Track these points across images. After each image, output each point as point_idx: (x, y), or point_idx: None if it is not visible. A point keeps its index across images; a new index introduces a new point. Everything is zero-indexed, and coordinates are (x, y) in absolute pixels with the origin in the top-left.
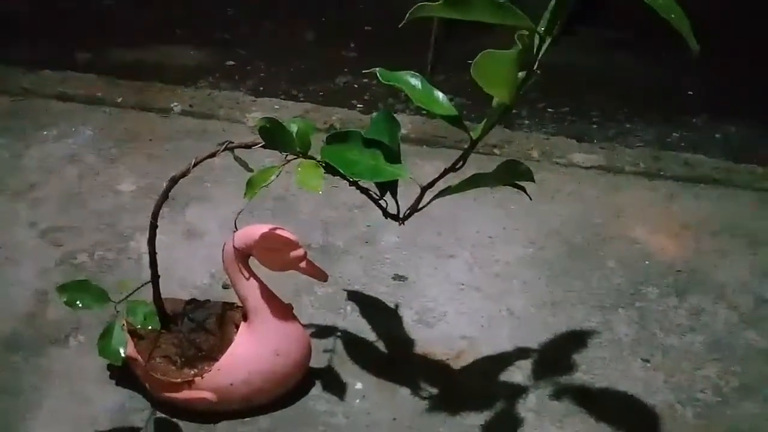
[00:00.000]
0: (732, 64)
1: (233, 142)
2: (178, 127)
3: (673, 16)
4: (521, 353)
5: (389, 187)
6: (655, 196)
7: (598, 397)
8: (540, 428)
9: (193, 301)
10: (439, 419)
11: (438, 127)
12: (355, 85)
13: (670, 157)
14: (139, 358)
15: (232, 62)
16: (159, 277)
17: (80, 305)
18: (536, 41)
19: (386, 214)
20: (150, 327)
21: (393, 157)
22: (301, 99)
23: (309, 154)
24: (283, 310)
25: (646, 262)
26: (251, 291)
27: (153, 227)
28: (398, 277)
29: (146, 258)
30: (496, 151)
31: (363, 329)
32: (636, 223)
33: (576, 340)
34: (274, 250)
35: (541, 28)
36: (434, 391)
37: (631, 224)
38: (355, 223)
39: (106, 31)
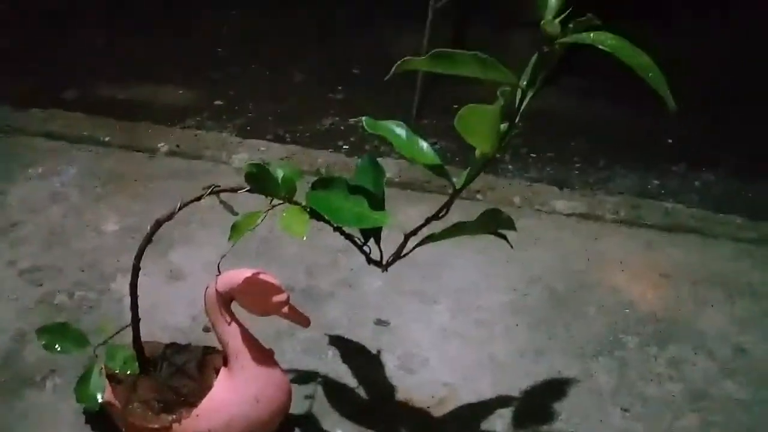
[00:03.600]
0: (710, 114)
1: (219, 186)
2: (164, 167)
3: (650, 75)
4: (502, 401)
5: (373, 233)
6: (635, 245)
7: None
8: None
9: (173, 345)
10: None
11: (423, 171)
12: (342, 127)
13: (650, 206)
14: (117, 402)
15: (220, 102)
16: (140, 320)
17: (59, 349)
18: (518, 95)
19: (370, 260)
20: (129, 372)
21: (377, 204)
22: (288, 140)
23: (294, 198)
24: (264, 356)
25: (627, 311)
26: (232, 336)
27: (136, 270)
28: (381, 322)
29: (127, 299)
30: (479, 196)
31: (344, 375)
32: (616, 271)
33: (556, 388)
34: (257, 295)
35: (523, 82)
36: None
37: (612, 272)
38: (339, 267)
39: (94, 69)
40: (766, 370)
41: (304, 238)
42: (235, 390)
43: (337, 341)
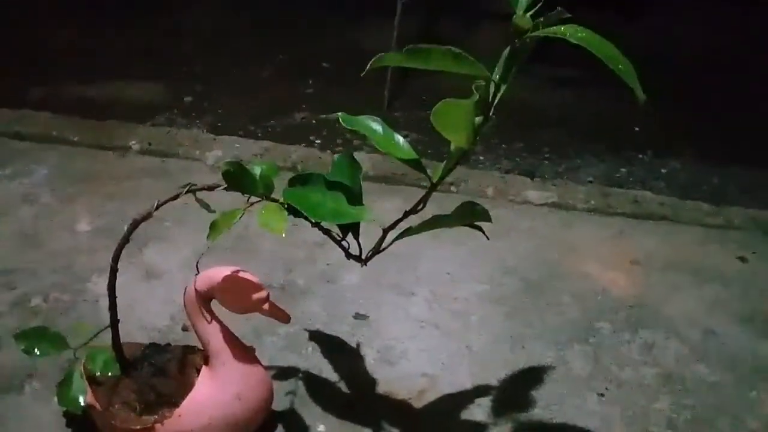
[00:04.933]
0: (676, 103)
1: (195, 184)
2: (137, 165)
3: (620, 67)
4: (481, 390)
5: (351, 228)
6: (606, 233)
7: None
8: None
9: (152, 345)
10: None
11: (397, 164)
12: (313, 121)
13: (620, 195)
14: (98, 405)
15: (189, 98)
16: (119, 321)
17: (38, 353)
18: (491, 89)
19: (348, 255)
20: (110, 374)
21: (355, 199)
22: (260, 136)
23: (271, 195)
24: (244, 354)
25: (599, 298)
26: (213, 334)
27: (113, 271)
28: (359, 316)
29: (103, 300)
30: (453, 188)
31: (325, 369)
32: (588, 259)
33: (534, 375)
34: (236, 293)
35: (496, 76)
36: (395, 429)
37: (584, 260)
38: (316, 262)
39: (60, 67)
40: (735, 352)
41: (283, 235)
42: (217, 388)
43: (316, 336)
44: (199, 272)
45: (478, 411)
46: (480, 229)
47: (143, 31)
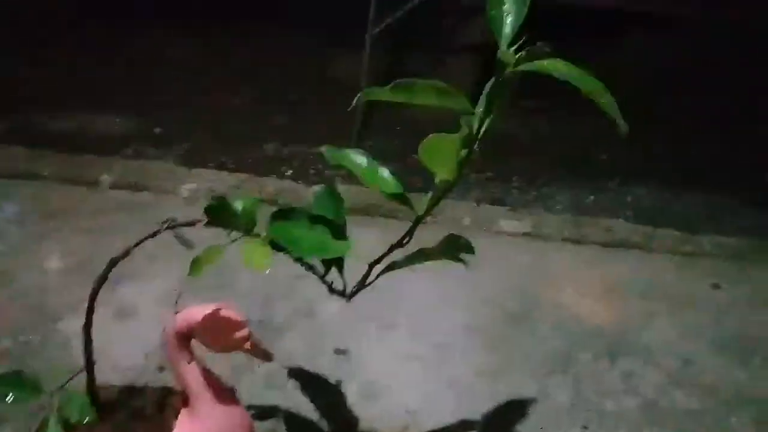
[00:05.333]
0: (640, 131)
1: (175, 219)
2: (109, 200)
3: (603, 101)
4: (464, 425)
5: (335, 262)
6: (580, 262)
7: None
8: None
9: (128, 388)
10: None
11: (373, 196)
12: (285, 152)
13: (592, 224)
14: None
15: (159, 129)
16: (95, 363)
17: (12, 399)
18: (476, 123)
19: (332, 290)
20: (87, 420)
21: (338, 233)
22: (232, 167)
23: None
24: (225, 394)
25: (577, 327)
26: (193, 375)
27: (90, 312)
28: (340, 351)
29: (75, 341)
30: (429, 218)
31: (306, 408)
32: (565, 288)
33: (516, 408)
34: (217, 332)
35: (480, 110)
36: None
37: (561, 289)
38: (295, 296)
39: (28, 100)
40: (712, 379)
41: (267, 272)
42: (197, 430)
43: (296, 373)
44: (177, 311)
45: None
46: (464, 261)
47: (111, 62)
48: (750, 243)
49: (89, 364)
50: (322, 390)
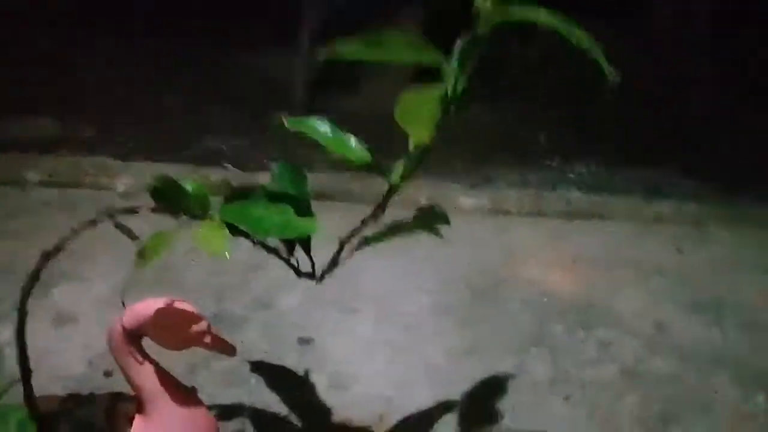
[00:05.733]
0: (570, 107)
1: (114, 208)
2: (37, 199)
3: (587, 46)
4: (444, 407)
5: (301, 243)
6: (542, 235)
7: None
8: None
9: (72, 397)
10: None
11: (326, 180)
12: (223, 146)
13: (551, 197)
14: None
15: (93, 131)
16: (31, 372)
17: None
18: (451, 81)
19: (299, 273)
20: None
21: (303, 210)
22: (171, 160)
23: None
24: (184, 395)
25: (546, 300)
26: (147, 377)
27: (22, 316)
28: (303, 341)
29: (9, 350)
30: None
31: (273, 403)
32: (530, 262)
33: (495, 386)
34: (173, 328)
35: (454, 65)
36: None
37: (526, 264)
38: (250, 286)
39: None
40: (687, 342)
41: (228, 256)
42: None
43: (259, 367)
44: (125, 307)
45: (445, 429)
46: (438, 232)
47: (40, 62)
48: (707, 209)
49: (25, 373)
50: (289, 383)
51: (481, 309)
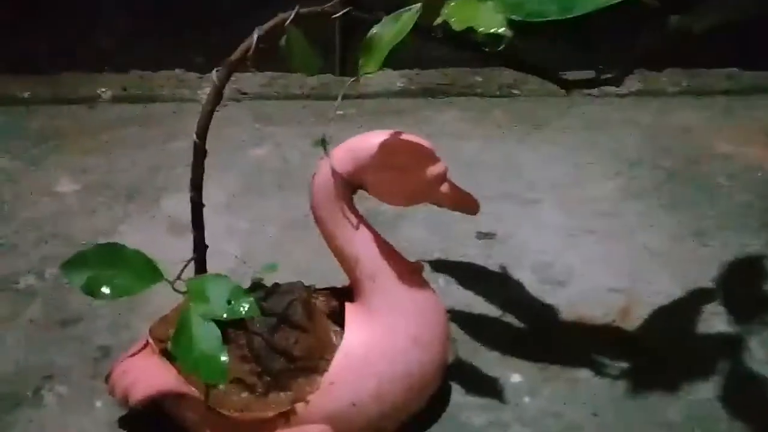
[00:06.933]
0: None
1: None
2: (112, 115)
3: None
4: (698, 295)
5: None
6: (713, 113)
7: None
8: None
9: (256, 286)
10: (650, 406)
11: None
12: None
13: (711, 73)
14: (192, 389)
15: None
16: (207, 248)
17: (108, 292)
18: None
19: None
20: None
21: None
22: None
23: None
24: (410, 274)
25: (759, 174)
26: (365, 245)
27: (197, 202)
28: (484, 235)
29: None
30: (515, 91)
31: (477, 304)
32: (716, 139)
33: (748, 268)
34: (402, 171)
35: None
36: (622, 365)
37: (711, 141)
38: None
39: None
40: None
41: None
42: (382, 333)
43: (440, 265)
44: (326, 147)
45: (716, 319)
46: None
47: None
48: None
49: (200, 247)
50: (487, 281)
51: (686, 189)
